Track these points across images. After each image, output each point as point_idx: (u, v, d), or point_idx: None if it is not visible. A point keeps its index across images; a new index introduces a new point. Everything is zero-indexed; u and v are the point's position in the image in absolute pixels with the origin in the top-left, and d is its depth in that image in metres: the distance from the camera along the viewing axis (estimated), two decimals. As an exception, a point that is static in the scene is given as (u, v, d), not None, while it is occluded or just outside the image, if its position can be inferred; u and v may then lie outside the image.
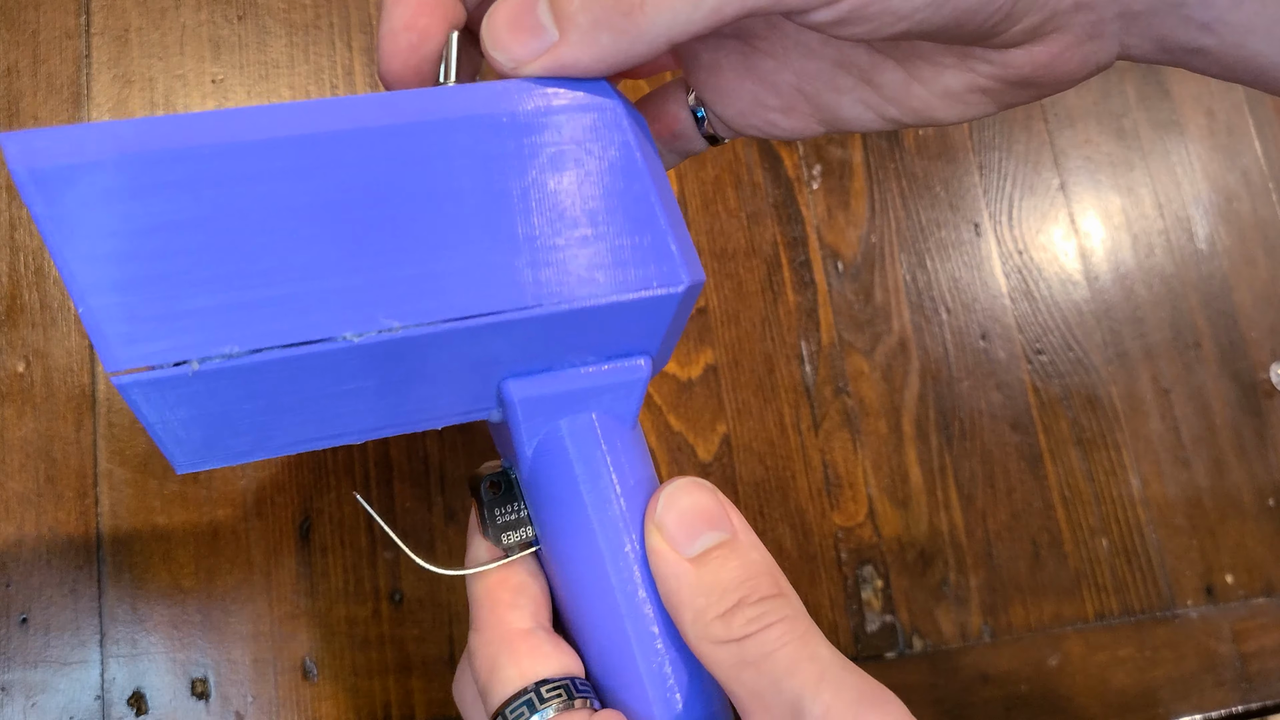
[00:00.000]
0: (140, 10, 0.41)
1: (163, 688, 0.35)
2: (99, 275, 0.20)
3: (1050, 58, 0.24)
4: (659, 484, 0.26)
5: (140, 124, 0.20)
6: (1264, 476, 0.53)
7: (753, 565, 0.23)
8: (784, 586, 0.23)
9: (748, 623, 0.22)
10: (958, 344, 0.49)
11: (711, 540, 0.23)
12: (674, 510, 0.24)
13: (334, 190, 0.21)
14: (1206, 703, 0.48)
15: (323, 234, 0.21)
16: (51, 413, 0.37)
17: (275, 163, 0.21)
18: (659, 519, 0.24)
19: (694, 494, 0.24)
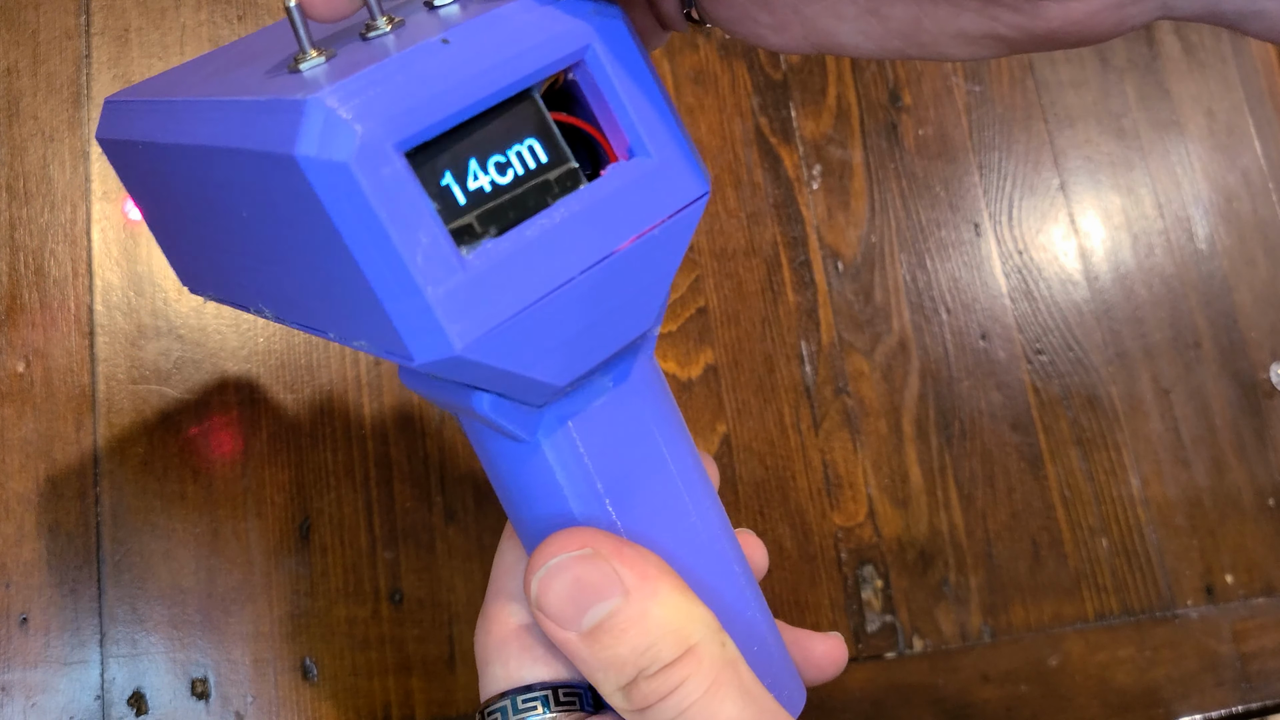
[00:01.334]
0: (140, 10, 0.41)
1: (163, 688, 0.35)
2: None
3: (1086, 15, 0.22)
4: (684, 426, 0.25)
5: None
6: (1264, 476, 0.53)
7: (650, 631, 0.21)
8: (691, 637, 0.22)
9: (646, 695, 0.21)
10: (958, 344, 0.49)
11: (601, 612, 0.22)
12: (551, 593, 0.22)
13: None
14: (1206, 703, 0.48)
15: None
16: (51, 413, 0.37)
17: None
18: (538, 601, 0.22)
19: (570, 570, 0.22)
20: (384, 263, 0.19)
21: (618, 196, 0.21)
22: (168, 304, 0.39)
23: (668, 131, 0.22)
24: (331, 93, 0.19)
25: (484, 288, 0.20)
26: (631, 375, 0.24)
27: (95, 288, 0.38)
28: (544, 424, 0.23)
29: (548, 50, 0.20)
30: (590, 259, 0.21)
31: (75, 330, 0.38)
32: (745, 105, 0.49)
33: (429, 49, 0.19)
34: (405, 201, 0.19)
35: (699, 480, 0.25)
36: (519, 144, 0.21)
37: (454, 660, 0.38)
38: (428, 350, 0.20)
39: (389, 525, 0.39)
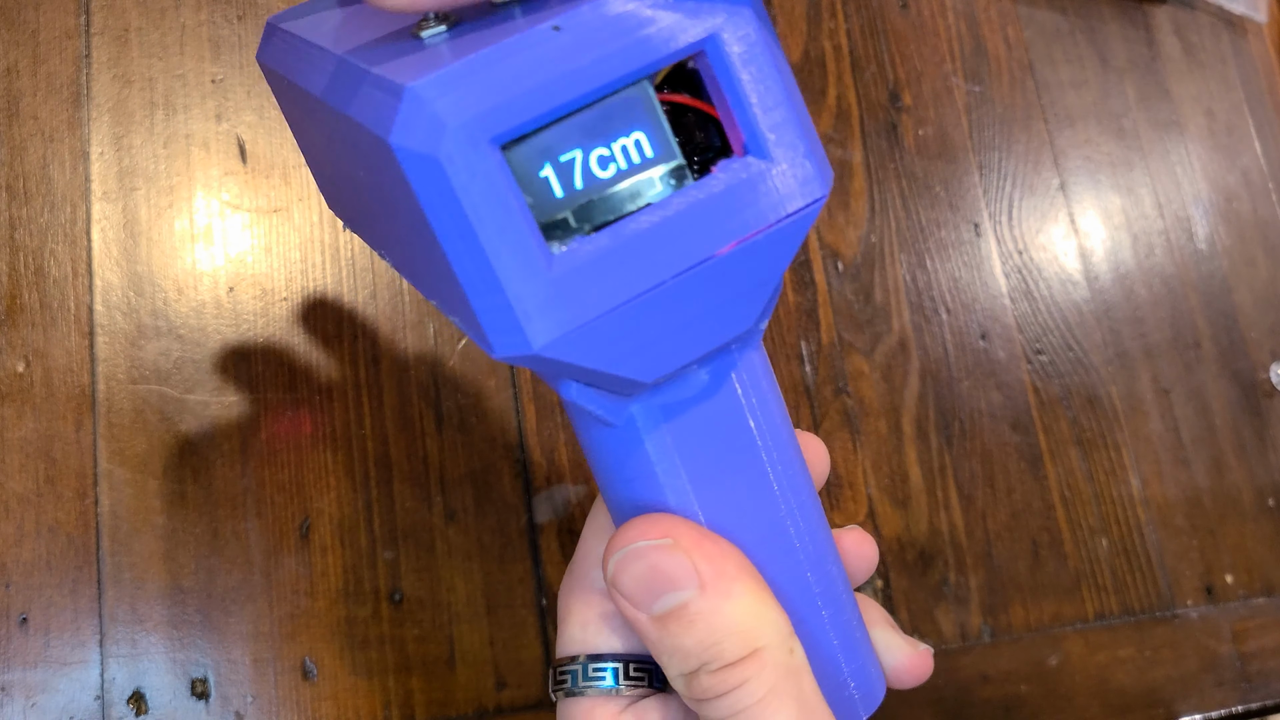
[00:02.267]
0: (140, 10, 0.41)
1: (162, 688, 0.35)
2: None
3: None
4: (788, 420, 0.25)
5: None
6: (1264, 476, 0.53)
7: (718, 627, 0.21)
8: (758, 640, 0.22)
9: (706, 689, 0.22)
10: (958, 344, 0.49)
11: (673, 601, 0.22)
12: (627, 574, 0.22)
13: None
14: (1206, 703, 0.48)
15: None
16: (51, 413, 0.37)
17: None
18: (613, 579, 0.22)
19: (648, 557, 0.22)
20: (470, 256, 0.19)
21: (725, 197, 0.20)
22: (168, 304, 0.39)
23: (790, 131, 0.21)
24: (430, 82, 0.18)
25: (570, 287, 0.19)
26: (731, 369, 0.23)
27: (95, 288, 0.38)
28: (634, 412, 0.23)
29: (666, 40, 0.19)
30: (687, 262, 0.20)
31: (75, 330, 0.38)
32: (745, 105, 0.49)
33: (538, 36, 0.19)
34: (495, 196, 0.19)
35: (796, 478, 0.24)
36: (625, 136, 0.20)
37: (454, 660, 0.38)
38: (507, 346, 0.20)
39: (389, 525, 0.39)
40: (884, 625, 0.28)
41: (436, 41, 0.20)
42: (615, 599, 0.22)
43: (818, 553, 0.25)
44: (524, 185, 0.19)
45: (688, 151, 0.21)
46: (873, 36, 0.53)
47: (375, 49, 0.21)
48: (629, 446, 0.23)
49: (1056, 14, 0.57)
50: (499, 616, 0.39)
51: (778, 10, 0.51)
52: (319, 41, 0.23)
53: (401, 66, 0.20)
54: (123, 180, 0.40)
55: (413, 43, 0.21)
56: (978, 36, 0.55)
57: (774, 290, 0.22)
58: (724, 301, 0.21)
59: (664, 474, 0.23)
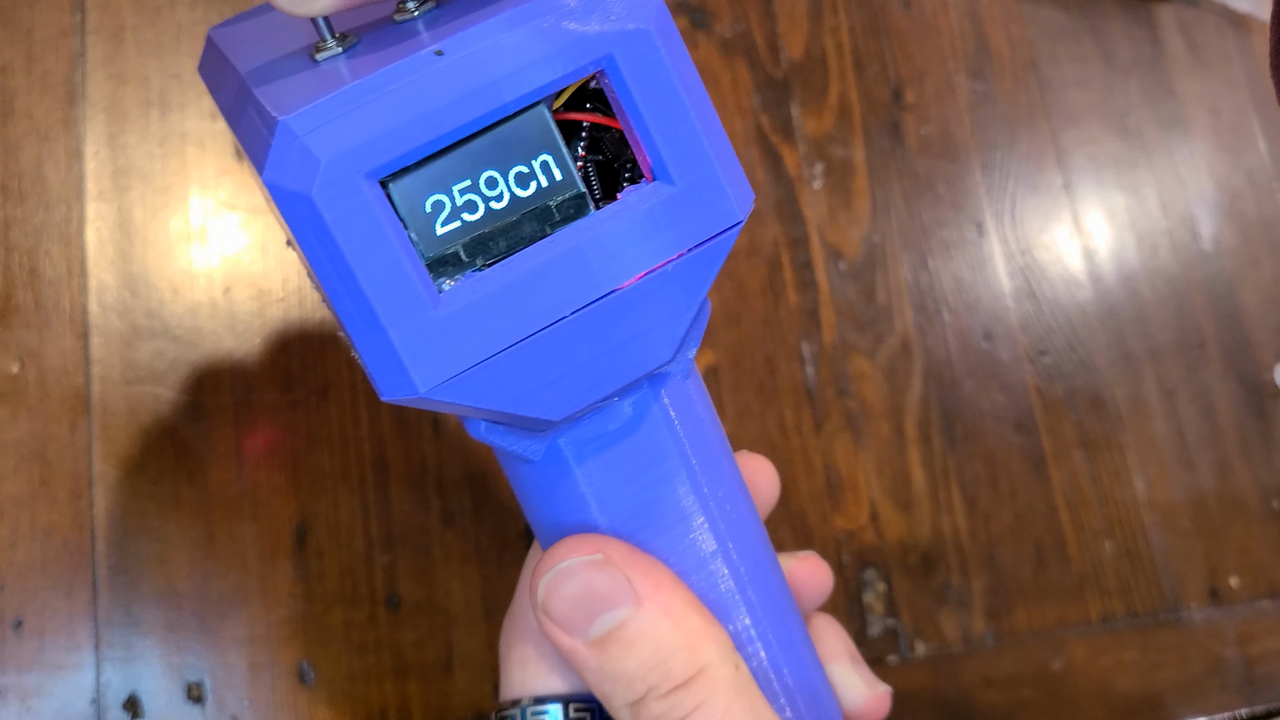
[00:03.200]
0: (135, 8, 0.41)
1: (158, 692, 0.35)
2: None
3: None
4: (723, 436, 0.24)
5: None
6: (1269, 479, 0.52)
7: (661, 646, 0.20)
8: (703, 657, 0.20)
9: (656, 716, 0.20)
10: (961, 345, 0.49)
11: (610, 621, 0.20)
12: (558, 597, 0.21)
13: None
14: (1211, 706, 0.47)
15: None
16: (46, 414, 0.36)
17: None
18: (544, 605, 0.21)
19: (579, 575, 0.21)
20: (349, 297, 0.18)
21: (629, 226, 0.19)
22: (163, 305, 0.39)
23: (698, 154, 0.19)
24: (304, 115, 0.17)
25: (457, 327, 0.18)
26: (658, 400, 0.22)
27: (90, 288, 0.38)
28: (551, 447, 0.21)
29: (556, 63, 0.18)
30: (588, 297, 0.19)
31: (69, 331, 0.37)
32: (746, 103, 0.49)
33: (419, 62, 0.18)
34: (373, 234, 0.18)
35: (735, 507, 0.23)
36: (520, 164, 0.19)
37: (451, 665, 0.38)
38: (393, 388, 0.19)
39: (386, 528, 0.38)
40: (845, 660, 0.27)
41: (329, 65, 0.19)
42: (548, 629, 0.21)
43: (760, 577, 0.24)
44: (409, 219, 0.18)
45: (613, 176, 0.20)
46: (875, 34, 0.52)
47: (272, 68, 0.20)
48: (552, 480, 0.22)
49: (1060, 12, 0.57)
50: (497, 621, 0.39)
51: (779, 8, 0.51)
52: (233, 57, 0.22)
53: (284, 93, 0.18)
54: (117, 180, 0.39)
55: (306, 64, 0.19)
56: (981, 34, 0.55)
57: (693, 318, 0.21)
58: (635, 335, 0.20)
59: (591, 507, 0.22)
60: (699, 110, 0.20)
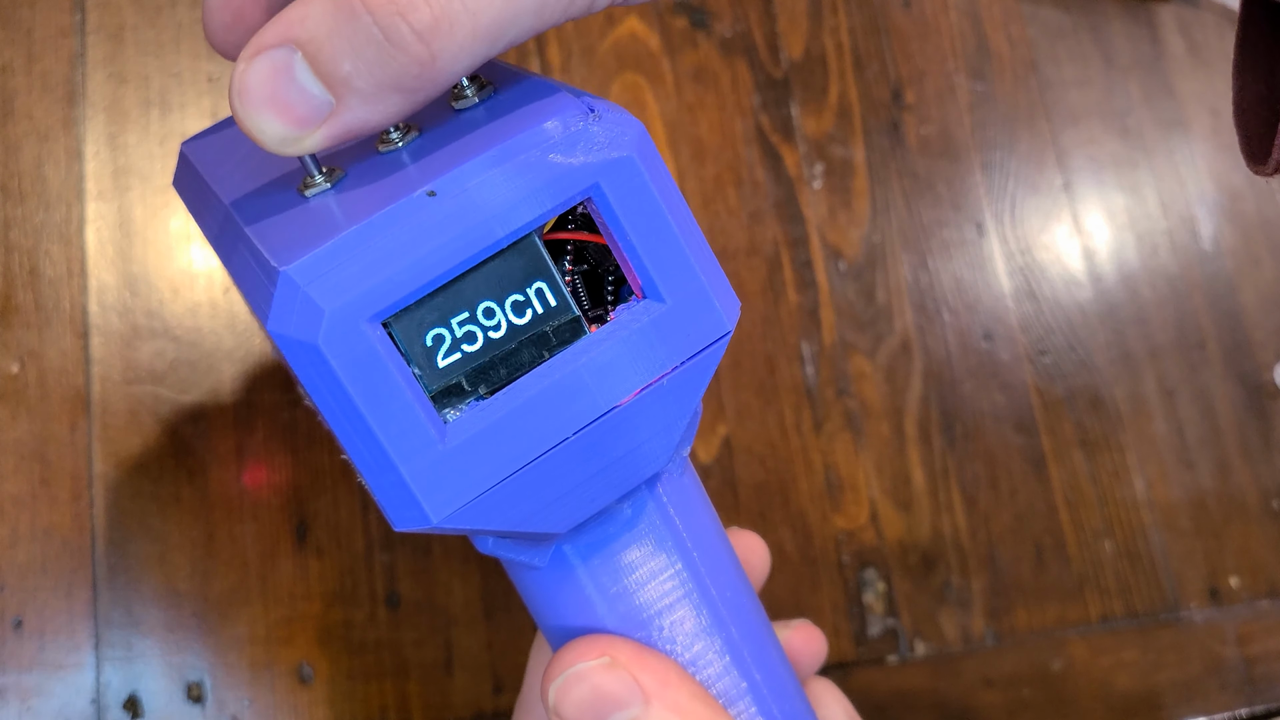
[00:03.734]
0: (135, 8, 0.41)
1: (158, 691, 0.35)
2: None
3: None
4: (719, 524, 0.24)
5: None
6: (1269, 478, 0.52)
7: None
8: None
9: None
10: (960, 345, 0.49)
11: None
12: (569, 700, 0.21)
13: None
14: (1211, 706, 0.47)
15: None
16: (46, 414, 0.36)
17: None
18: (555, 708, 0.22)
19: (589, 680, 0.21)
20: (359, 437, 0.18)
21: (624, 345, 0.19)
22: (163, 305, 0.39)
23: (686, 271, 0.20)
24: (305, 265, 0.18)
25: (465, 457, 0.19)
26: (656, 498, 0.23)
27: (90, 288, 0.38)
28: (556, 553, 0.22)
29: (545, 196, 0.18)
30: (589, 416, 0.19)
31: (70, 331, 0.37)
32: (746, 103, 0.49)
33: (413, 205, 0.18)
34: (379, 376, 0.18)
35: (734, 590, 0.24)
36: (515, 293, 0.19)
37: (451, 664, 0.38)
38: (407, 520, 0.19)
39: (386, 528, 0.38)
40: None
41: (319, 202, 0.19)
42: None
43: (762, 658, 0.24)
44: (411, 355, 0.19)
45: (598, 283, 0.21)
46: (875, 34, 0.52)
47: (259, 202, 0.20)
48: (558, 583, 0.22)
49: (1060, 12, 0.57)
50: (497, 620, 0.39)
51: (779, 8, 0.51)
52: (213, 181, 0.23)
53: (279, 236, 0.19)
54: (118, 179, 0.39)
55: (297, 202, 0.20)
56: (981, 34, 0.55)
57: (687, 425, 0.21)
58: (633, 447, 0.20)
59: (597, 605, 0.22)
60: (683, 228, 0.20)
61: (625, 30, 0.48)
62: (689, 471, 0.24)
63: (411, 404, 0.18)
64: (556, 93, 0.20)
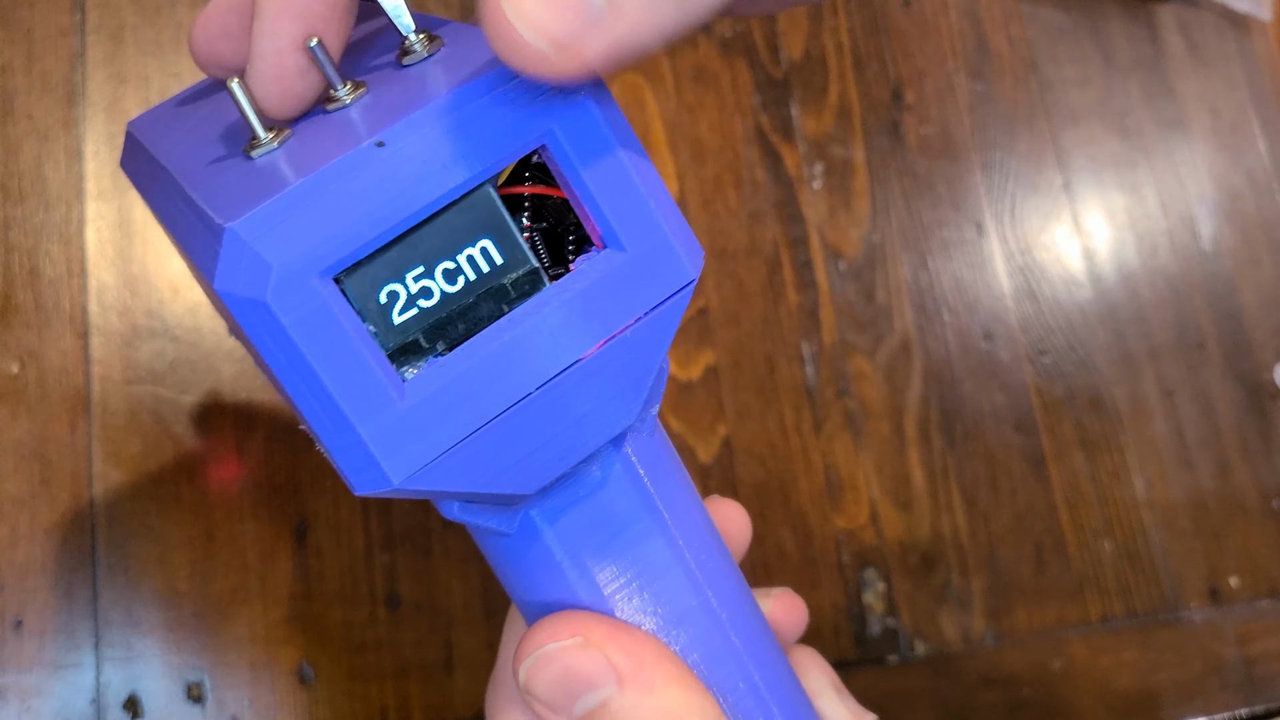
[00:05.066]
0: (135, 8, 0.41)
1: (158, 691, 0.35)
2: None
3: None
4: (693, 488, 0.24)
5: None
6: (1269, 478, 0.52)
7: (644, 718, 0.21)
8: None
9: None
10: (960, 345, 0.49)
11: (593, 700, 0.21)
12: (540, 680, 0.21)
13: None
14: (1211, 706, 0.47)
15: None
16: (46, 414, 0.36)
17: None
18: (526, 686, 0.21)
19: (560, 659, 0.21)
20: (314, 397, 0.18)
21: (586, 296, 0.19)
22: (162, 305, 0.39)
23: (646, 219, 0.19)
24: (250, 220, 0.17)
25: (425, 415, 0.18)
26: (626, 460, 0.22)
27: (90, 288, 0.38)
28: (524, 519, 0.21)
29: (498, 144, 0.18)
30: (552, 370, 0.19)
31: (70, 331, 0.37)
32: (746, 103, 0.49)
33: (361, 156, 0.17)
34: (332, 333, 0.17)
35: (710, 556, 0.23)
36: (470, 246, 0.19)
37: (451, 665, 0.38)
38: (366, 483, 0.18)
39: (386, 528, 0.38)
40: (830, 693, 0.27)
41: (266, 161, 0.19)
42: (533, 706, 0.21)
43: (743, 627, 0.24)
44: (366, 312, 0.18)
45: (558, 241, 0.20)
46: (875, 34, 0.52)
47: (206, 169, 0.20)
48: (528, 551, 0.22)
49: (1060, 12, 0.57)
50: (497, 620, 0.39)
51: (779, 8, 0.51)
52: (162, 158, 0.22)
53: (224, 196, 0.18)
54: (117, 179, 0.39)
55: (242, 163, 0.19)
56: (980, 34, 0.55)
57: (654, 379, 0.21)
58: (600, 402, 0.20)
59: (568, 572, 0.22)
60: (642, 174, 0.19)
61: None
62: (659, 432, 0.23)
63: (367, 361, 0.18)
64: None
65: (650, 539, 0.22)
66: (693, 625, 0.23)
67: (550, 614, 0.22)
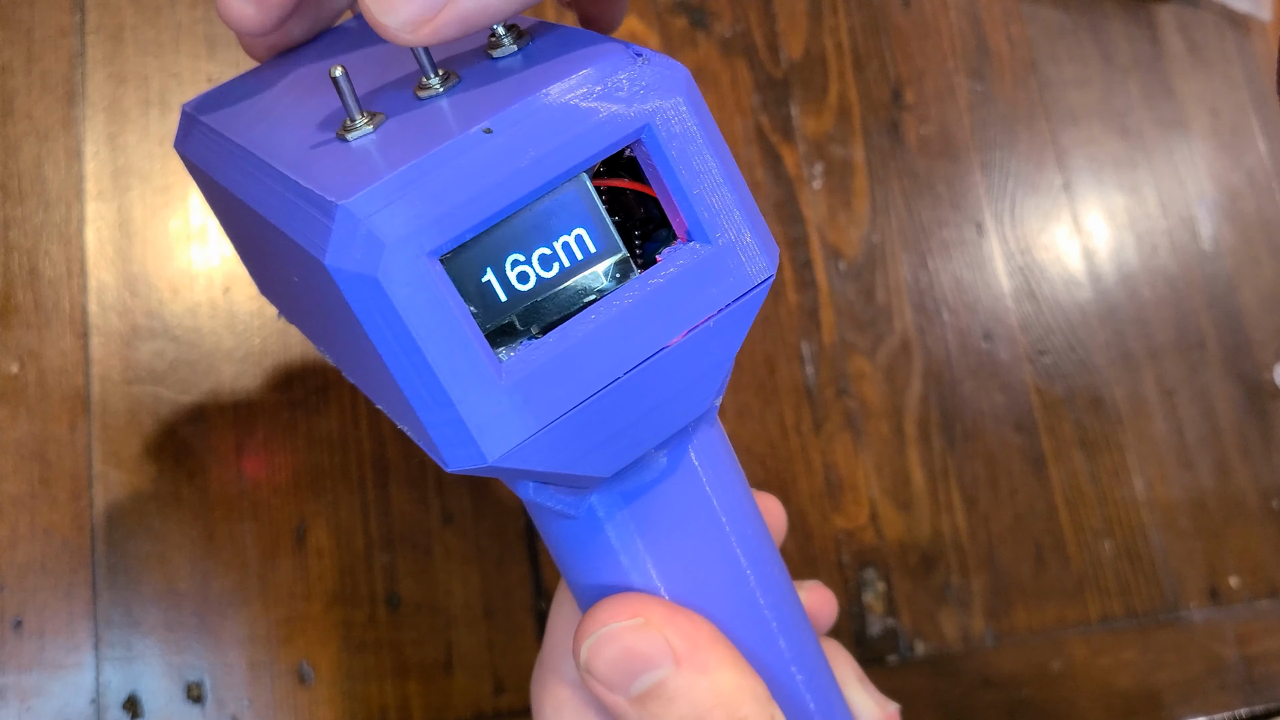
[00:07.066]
0: (135, 8, 0.41)
1: (158, 691, 0.35)
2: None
3: None
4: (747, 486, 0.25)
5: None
6: (1268, 478, 0.52)
7: (698, 701, 0.21)
8: (740, 710, 0.21)
9: None
10: (960, 345, 0.49)
11: (650, 680, 0.22)
12: (601, 659, 0.22)
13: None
14: (1210, 706, 0.47)
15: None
16: (45, 414, 0.36)
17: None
18: (587, 665, 0.22)
19: (621, 639, 0.22)
20: (416, 373, 0.18)
21: (672, 287, 0.20)
22: (162, 305, 0.39)
23: (731, 214, 0.20)
24: (364, 199, 0.18)
25: (521, 395, 0.19)
26: (688, 450, 0.23)
27: (89, 288, 0.38)
28: (593, 503, 0.22)
29: (599, 135, 0.19)
30: (639, 356, 0.20)
31: (69, 331, 0.37)
32: (746, 103, 0.49)
33: (471, 141, 0.18)
34: (438, 312, 0.18)
35: (759, 546, 0.24)
36: (566, 233, 0.19)
37: (451, 665, 0.38)
38: (461, 459, 0.19)
39: (385, 528, 0.38)
40: (855, 682, 0.28)
41: (363, 145, 0.19)
42: (590, 685, 0.22)
43: (786, 616, 0.24)
44: (466, 294, 0.19)
45: (632, 235, 0.21)
46: (874, 34, 0.52)
47: (300, 152, 0.20)
48: (591, 534, 0.23)
49: (1060, 12, 0.57)
50: (497, 620, 0.39)
51: (779, 8, 0.51)
52: (240, 139, 0.22)
53: (330, 177, 0.19)
54: (117, 179, 0.39)
55: (338, 146, 0.20)
56: (980, 34, 0.55)
57: (726, 373, 0.21)
58: (679, 389, 0.20)
59: (628, 557, 0.23)
60: (729, 173, 0.20)
61: (624, 30, 0.48)
62: (718, 424, 0.24)
63: (470, 341, 0.18)
64: (600, 40, 0.20)
65: (707, 527, 0.23)
66: (741, 611, 0.24)
67: (610, 596, 0.22)
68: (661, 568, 0.23)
